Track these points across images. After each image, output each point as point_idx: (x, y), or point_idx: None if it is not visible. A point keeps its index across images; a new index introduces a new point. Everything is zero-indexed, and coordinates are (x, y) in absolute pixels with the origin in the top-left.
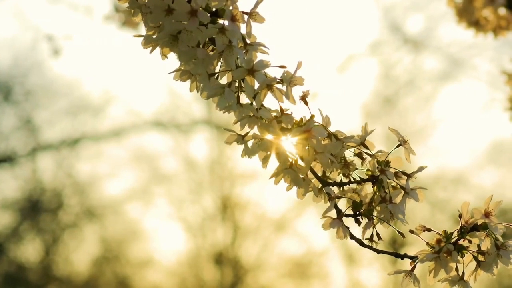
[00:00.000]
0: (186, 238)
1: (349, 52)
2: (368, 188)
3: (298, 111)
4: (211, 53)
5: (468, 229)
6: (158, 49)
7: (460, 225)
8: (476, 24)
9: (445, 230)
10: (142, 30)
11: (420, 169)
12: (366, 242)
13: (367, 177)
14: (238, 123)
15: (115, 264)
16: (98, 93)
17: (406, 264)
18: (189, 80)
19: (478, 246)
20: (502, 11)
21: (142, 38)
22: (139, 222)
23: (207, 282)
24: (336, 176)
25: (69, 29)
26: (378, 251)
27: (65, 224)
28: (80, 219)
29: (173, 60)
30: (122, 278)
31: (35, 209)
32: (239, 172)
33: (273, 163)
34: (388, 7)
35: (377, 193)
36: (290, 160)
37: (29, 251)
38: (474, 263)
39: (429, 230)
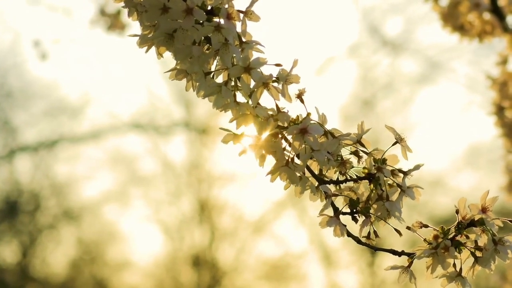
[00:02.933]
0: (164, 240)
1: (328, 54)
2: (364, 186)
3: (293, 109)
4: (206, 51)
5: (465, 225)
6: (153, 48)
7: (457, 220)
8: (461, 29)
9: (442, 226)
10: (128, 32)
11: (417, 167)
12: (363, 240)
13: (363, 175)
14: (234, 122)
15: (92, 266)
16: (77, 95)
17: (384, 266)
18: (185, 79)
19: (475, 241)
20: (487, 16)
21: (137, 37)
22: (117, 224)
23: (184, 284)
24: (333, 174)
25: (48, 30)
26: (376, 249)
27: (42, 226)
28: (58, 221)
29: (154, 61)
30: (100, 279)
31: (13, 210)
32: (217, 174)
33: (270, 162)
34: (367, 9)
35: (374, 191)
36: (287, 158)
37: (6, 252)
38: (472, 259)
39: (426, 226)
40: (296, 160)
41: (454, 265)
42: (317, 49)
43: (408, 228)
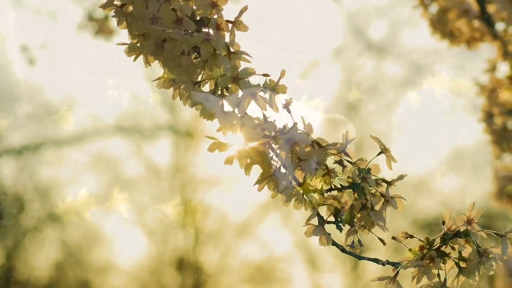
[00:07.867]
0: (147, 243)
1: (312, 58)
2: (348, 195)
3: (279, 118)
4: (194, 61)
5: (450, 236)
6: (140, 56)
7: (443, 231)
8: (450, 35)
9: (427, 237)
10: (115, 37)
11: (401, 177)
12: (347, 248)
13: (347, 184)
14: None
15: (76, 269)
16: (61, 98)
17: (369, 270)
18: (172, 87)
19: (459, 252)
20: (476, 22)
21: (125, 45)
22: (100, 227)
23: (168, 287)
24: (317, 183)
25: (33, 33)
26: (360, 258)
27: (26, 229)
28: (42, 224)
29: (138, 64)
30: (83, 282)
31: None
32: (202, 177)
33: (256, 170)
34: (351, 12)
35: (358, 200)
36: (273, 167)
37: None
38: (456, 270)
39: (411, 237)
40: (282, 169)
41: (439, 275)
42: (301, 52)
43: (393, 238)
